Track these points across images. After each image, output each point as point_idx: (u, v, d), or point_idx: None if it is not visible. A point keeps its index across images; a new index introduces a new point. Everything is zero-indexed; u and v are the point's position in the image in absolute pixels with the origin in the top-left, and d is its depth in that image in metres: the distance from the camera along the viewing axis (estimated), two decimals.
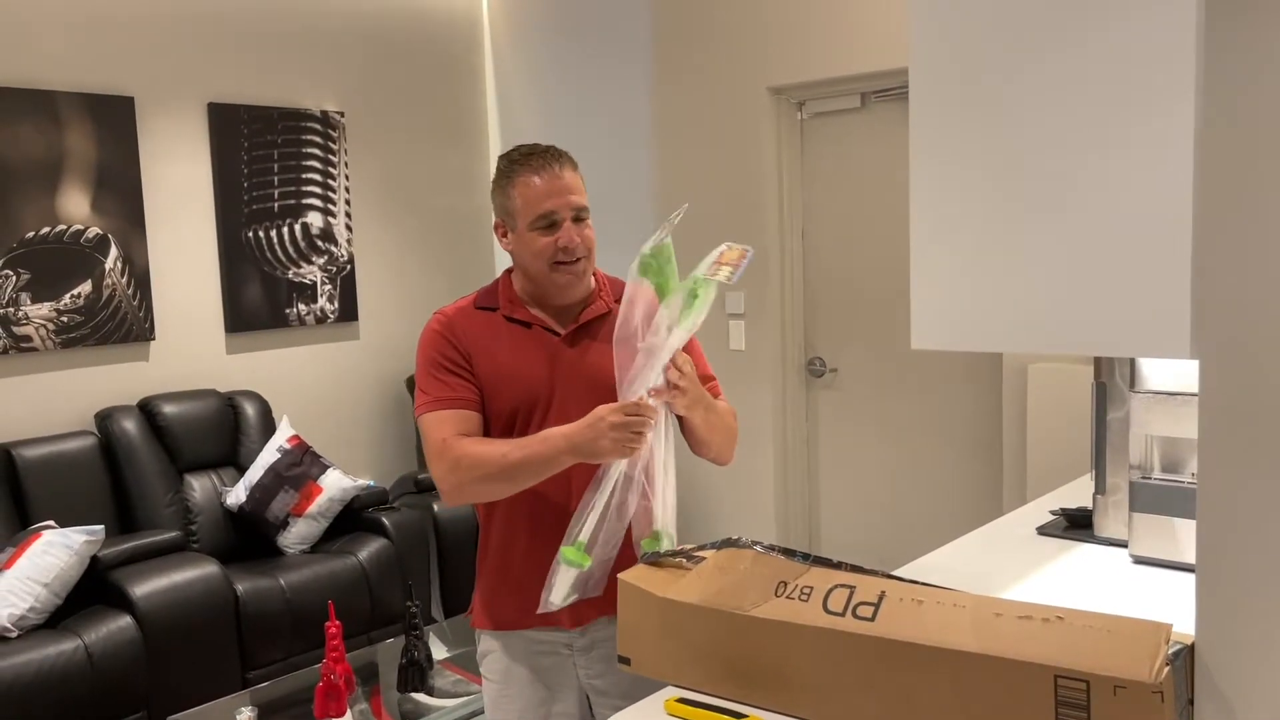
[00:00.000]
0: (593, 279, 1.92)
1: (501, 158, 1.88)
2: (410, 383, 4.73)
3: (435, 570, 4.15)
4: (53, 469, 3.59)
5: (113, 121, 3.89)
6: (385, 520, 3.98)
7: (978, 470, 3.82)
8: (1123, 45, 1.03)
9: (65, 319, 3.80)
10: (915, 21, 1.16)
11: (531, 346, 1.86)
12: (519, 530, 1.86)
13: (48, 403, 3.78)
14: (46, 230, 3.74)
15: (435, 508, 4.17)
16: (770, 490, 4.22)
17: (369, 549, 3.85)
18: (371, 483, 4.18)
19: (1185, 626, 1.04)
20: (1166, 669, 0.97)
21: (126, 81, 3.96)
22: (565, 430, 1.73)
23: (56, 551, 3.21)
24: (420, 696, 2.83)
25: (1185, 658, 1.02)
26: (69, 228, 3.79)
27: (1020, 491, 3.47)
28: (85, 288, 3.84)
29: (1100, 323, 1.06)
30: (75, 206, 3.81)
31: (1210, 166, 0.97)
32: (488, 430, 1.85)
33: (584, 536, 1.70)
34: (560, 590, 1.70)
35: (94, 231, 3.85)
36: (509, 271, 1.94)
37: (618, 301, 1.92)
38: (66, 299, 3.80)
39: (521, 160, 1.83)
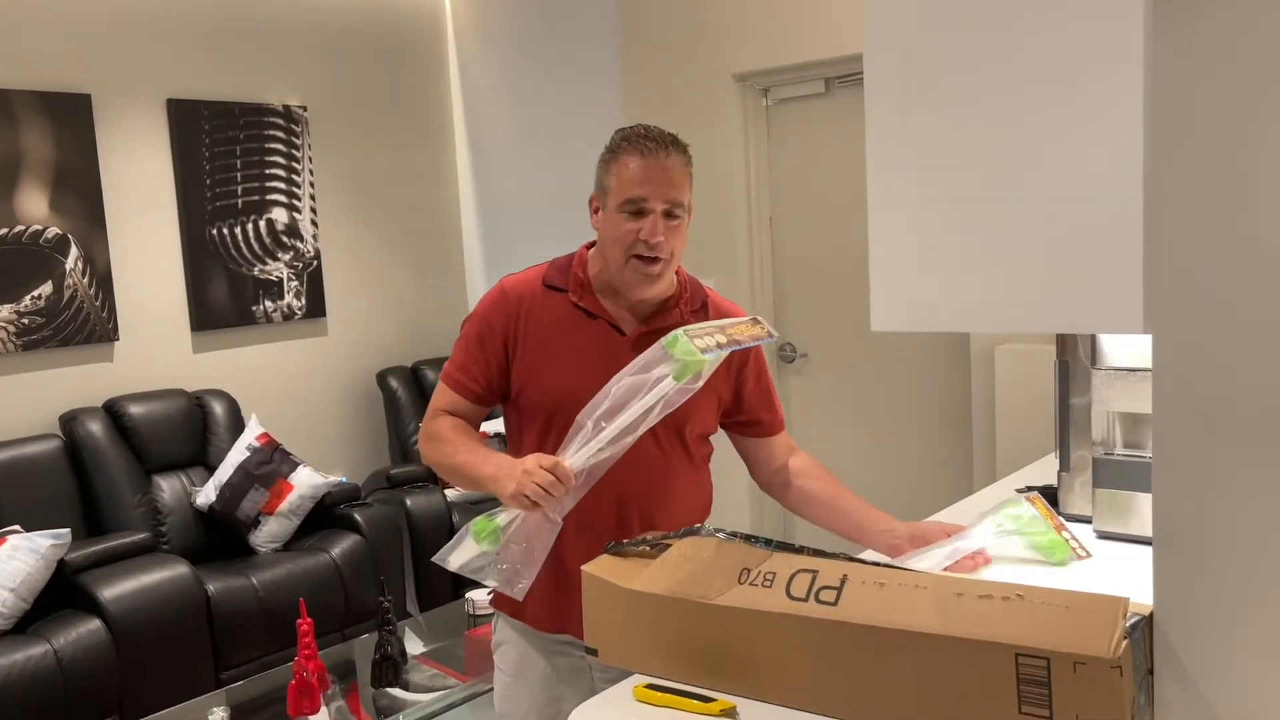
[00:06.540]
0: (674, 281, 1.80)
1: (616, 132, 1.76)
2: (381, 377, 4.71)
3: (409, 565, 4.13)
4: (17, 473, 3.54)
5: (70, 119, 3.83)
6: (358, 516, 3.96)
7: (949, 451, 3.84)
8: (1073, 27, 1.03)
9: (26, 321, 3.74)
10: (870, 7, 1.16)
11: (591, 341, 1.72)
12: (565, 527, 1.65)
13: (10, 406, 3.73)
14: (4, 231, 3.68)
15: (408, 502, 4.15)
16: (744, 478, 4.22)
17: (342, 546, 3.83)
18: (343, 479, 4.15)
19: (1148, 600, 1.05)
20: (1125, 643, 0.98)
21: (83, 79, 3.90)
22: (498, 459, 1.63)
23: (22, 556, 3.17)
24: (396, 691, 2.81)
25: (1144, 629, 1.02)
26: (27, 228, 3.74)
27: (991, 471, 3.49)
28: (46, 289, 3.78)
29: (1055, 300, 1.07)
30: (33, 206, 3.75)
31: (1159, 145, 0.98)
32: (525, 424, 1.76)
33: (501, 519, 1.57)
34: (459, 558, 1.58)
35: (53, 231, 3.80)
36: (588, 247, 1.80)
37: (694, 312, 1.80)
38: (27, 300, 3.74)
39: (633, 139, 1.70)
